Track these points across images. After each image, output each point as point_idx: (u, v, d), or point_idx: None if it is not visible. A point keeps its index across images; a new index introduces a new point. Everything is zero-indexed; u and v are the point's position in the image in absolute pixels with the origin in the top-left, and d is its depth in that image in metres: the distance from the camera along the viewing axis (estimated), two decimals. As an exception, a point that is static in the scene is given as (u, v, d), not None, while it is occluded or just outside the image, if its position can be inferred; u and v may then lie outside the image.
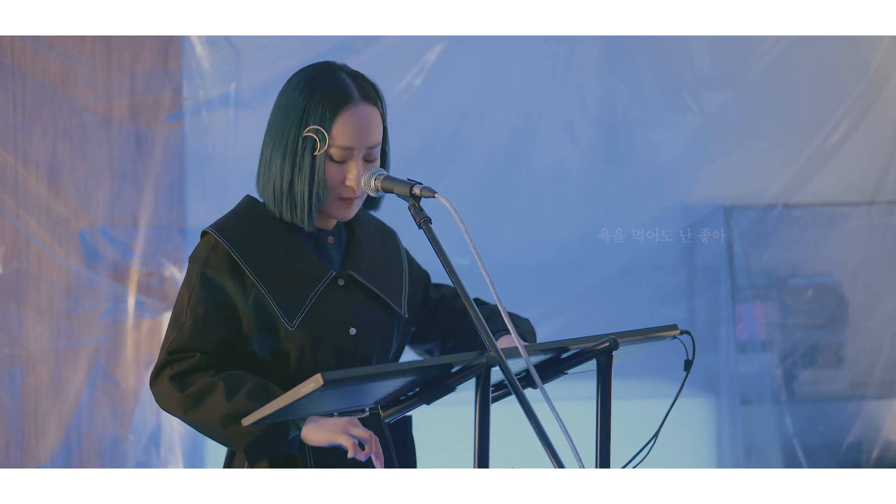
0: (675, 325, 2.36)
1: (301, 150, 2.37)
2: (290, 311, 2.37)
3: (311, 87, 2.39)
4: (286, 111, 2.39)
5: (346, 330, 2.42)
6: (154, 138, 4.14)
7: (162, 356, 2.37)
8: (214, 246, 2.39)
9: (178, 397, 2.32)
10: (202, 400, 2.30)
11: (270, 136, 2.41)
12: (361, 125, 2.38)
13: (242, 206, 2.47)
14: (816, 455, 4.50)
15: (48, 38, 4.05)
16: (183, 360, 2.35)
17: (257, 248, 2.39)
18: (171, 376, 2.34)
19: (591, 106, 4.45)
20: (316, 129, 2.36)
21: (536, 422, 2.01)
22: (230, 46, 4.16)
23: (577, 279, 4.42)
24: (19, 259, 4.06)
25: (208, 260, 2.38)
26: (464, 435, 2.45)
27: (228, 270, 2.37)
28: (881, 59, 4.50)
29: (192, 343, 2.35)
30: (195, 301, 2.37)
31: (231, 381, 2.30)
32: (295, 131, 2.37)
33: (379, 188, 2.34)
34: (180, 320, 2.37)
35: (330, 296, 2.42)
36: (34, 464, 4.06)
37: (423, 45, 4.25)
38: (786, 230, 4.56)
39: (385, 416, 2.15)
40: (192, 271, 2.40)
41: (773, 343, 4.52)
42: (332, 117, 2.36)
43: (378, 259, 2.53)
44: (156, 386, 2.36)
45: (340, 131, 2.37)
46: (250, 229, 2.41)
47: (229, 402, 2.27)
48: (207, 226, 2.42)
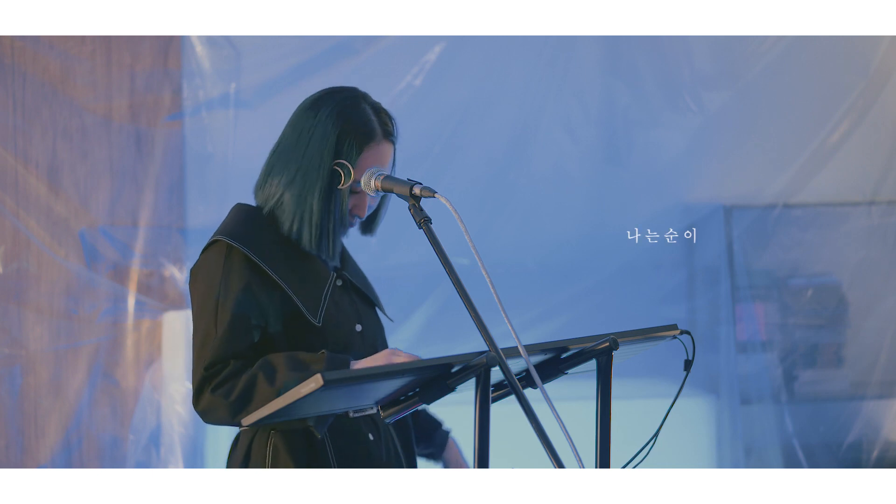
0: (675, 325, 2.36)
1: (332, 184, 2.40)
2: (311, 307, 2.41)
3: (343, 117, 2.41)
4: (319, 139, 2.41)
5: (353, 326, 2.47)
6: (154, 138, 4.14)
7: (198, 374, 2.36)
8: (229, 253, 2.40)
9: (224, 404, 2.32)
10: (250, 398, 2.31)
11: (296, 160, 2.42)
12: (382, 160, 2.43)
13: (242, 213, 2.47)
14: (816, 455, 4.50)
15: (48, 38, 4.05)
16: (219, 372, 2.35)
17: (270, 249, 2.41)
18: (213, 389, 2.34)
19: (591, 106, 4.45)
20: (343, 163, 2.39)
21: (536, 422, 2.01)
22: (230, 46, 4.16)
23: (577, 279, 4.42)
24: (19, 259, 4.06)
25: (227, 267, 2.39)
26: (464, 435, 2.46)
27: (249, 274, 2.38)
28: (881, 59, 4.50)
29: (226, 353, 2.35)
30: (221, 310, 2.37)
31: (265, 367, 2.32)
32: (329, 163, 2.39)
33: (379, 188, 2.34)
34: (210, 334, 2.37)
35: (335, 294, 2.47)
36: (34, 464, 4.06)
37: (423, 45, 4.25)
38: (786, 230, 4.56)
39: (385, 416, 2.14)
40: (209, 282, 2.39)
41: (773, 343, 4.52)
42: (357, 154, 2.40)
43: (356, 268, 2.61)
44: (200, 404, 2.35)
45: (361, 167, 2.40)
46: (257, 233, 2.43)
47: (274, 386, 2.29)
48: (214, 235, 2.42)
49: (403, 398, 2.14)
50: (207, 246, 2.44)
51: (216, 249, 2.41)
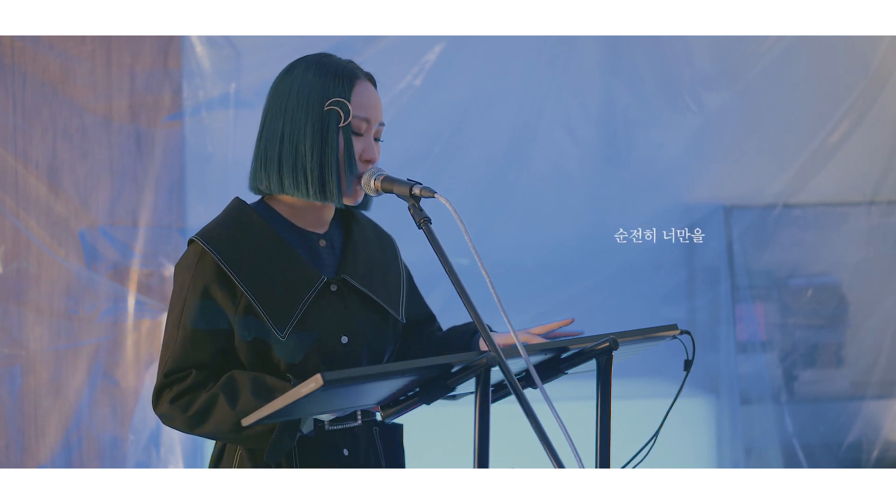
0: (675, 325, 2.36)
1: (327, 125, 2.34)
2: (280, 320, 2.32)
3: (320, 66, 2.37)
4: (299, 92, 2.35)
5: (338, 338, 2.38)
6: (154, 138, 4.14)
7: (159, 379, 2.33)
8: (202, 255, 2.34)
9: (182, 418, 2.30)
10: (207, 416, 2.28)
11: (283, 120, 2.35)
12: (374, 99, 2.39)
13: (231, 211, 2.41)
14: (816, 455, 4.51)
15: (48, 38, 4.05)
16: (179, 381, 2.31)
17: (246, 255, 2.34)
18: (171, 399, 2.31)
19: (591, 106, 4.45)
20: (338, 101, 2.34)
21: (536, 422, 2.01)
22: (230, 46, 4.16)
23: (577, 279, 4.43)
24: (19, 259, 4.06)
25: (196, 270, 2.33)
26: (464, 435, 2.45)
27: (217, 280, 2.32)
28: (881, 59, 4.50)
29: (186, 361, 2.31)
30: (185, 316, 2.32)
31: (229, 387, 2.28)
32: (318, 107, 2.34)
33: (379, 188, 2.32)
34: (172, 337, 2.33)
35: (321, 302, 2.37)
36: (34, 464, 4.06)
37: (423, 45, 4.25)
38: (786, 230, 4.56)
39: (385, 416, 2.14)
40: (180, 283, 2.35)
41: (773, 343, 4.52)
42: (349, 89, 2.35)
43: (375, 263, 2.49)
44: (158, 409, 2.33)
45: (358, 102, 2.36)
46: (238, 235, 2.36)
47: (234, 409, 2.25)
48: (195, 233, 2.37)
49: (403, 398, 2.14)
50: (188, 243, 2.39)
51: (192, 250, 2.36)
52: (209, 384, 2.31)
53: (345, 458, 2.38)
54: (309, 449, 2.35)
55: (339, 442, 2.38)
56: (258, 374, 2.30)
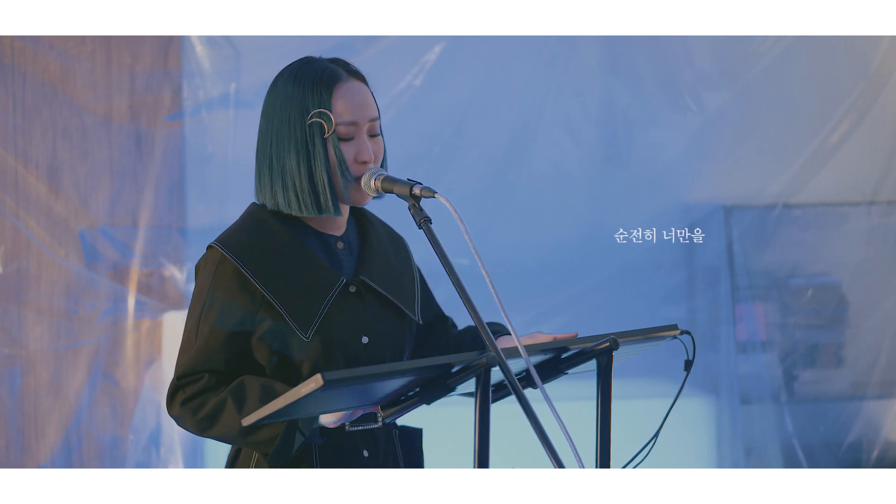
0: (675, 325, 2.35)
1: (311, 139, 2.33)
2: (303, 322, 2.32)
3: (299, 77, 2.36)
4: (282, 108, 2.35)
5: (358, 338, 2.38)
6: (154, 138, 4.14)
7: (173, 381, 2.34)
8: (222, 261, 2.34)
9: (191, 420, 2.30)
10: (216, 420, 2.28)
11: (270, 139, 2.36)
12: (358, 98, 2.35)
13: (248, 216, 2.41)
14: (816, 455, 4.51)
15: (48, 38, 4.05)
16: (192, 384, 2.32)
17: (266, 259, 2.34)
18: (183, 401, 2.32)
19: (591, 106, 4.45)
20: (319, 111, 2.32)
21: (536, 422, 2.00)
22: (230, 46, 4.16)
23: (577, 279, 4.42)
24: (19, 259, 4.06)
25: (216, 277, 2.34)
26: (464, 435, 2.45)
27: (238, 286, 2.32)
28: (881, 59, 4.50)
29: (200, 365, 2.32)
30: (203, 321, 2.33)
31: (237, 392, 2.28)
32: (299, 123, 2.33)
33: (379, 188, 2.32)
34: (190, 342, 2.34)
35: (342, 304, 2.37)
36: (34, 464, 4.06)
37: (423, 45, 4.25)
38: (786, 230, 4.56)
39: (385, 416, 2.14)
40: (201, 285, 2.36)
41: (773, 343, 4.52)
42: (328, 96, 2.33)
43: (391, 265, 2.49)
44: (171, 410, 2.34)
45: (341, 107, 2.33)
46: (257, 240, 2.36)
47: (240, 413, 2.24)
48: (213, 240, 2.37)
49: (403, 398, 2.14)
50: (207, 249, 2.40)
51: (212, 255, 2.36)
52: (220, 388, 2.31)
53: (364, 460, 2.37)
54: (330, 450, 2.34)
55: (360, 443, 2.38)
56: (268, 380, 2.30)
